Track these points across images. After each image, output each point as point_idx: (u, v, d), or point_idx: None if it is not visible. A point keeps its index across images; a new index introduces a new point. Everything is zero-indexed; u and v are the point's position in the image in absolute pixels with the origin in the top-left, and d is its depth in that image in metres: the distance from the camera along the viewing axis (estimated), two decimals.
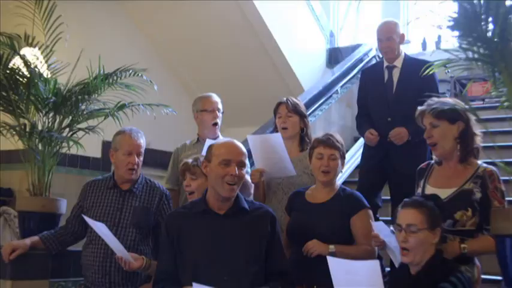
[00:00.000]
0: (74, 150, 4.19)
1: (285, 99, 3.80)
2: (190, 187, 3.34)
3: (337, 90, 6.54)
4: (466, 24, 2.39)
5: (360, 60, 7.11)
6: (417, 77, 4.07)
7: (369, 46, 7.47)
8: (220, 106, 4.14)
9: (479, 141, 2.91)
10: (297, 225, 3.18)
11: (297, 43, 7.34)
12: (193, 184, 3.34)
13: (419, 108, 3.01)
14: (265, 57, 7.17)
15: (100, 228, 3.23)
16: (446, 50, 2.67)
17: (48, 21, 4.09)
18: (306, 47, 7.60)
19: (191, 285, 2.57)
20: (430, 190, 2.95)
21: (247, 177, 3.70)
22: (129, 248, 3.35)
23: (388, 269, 3.62)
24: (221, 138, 3.04)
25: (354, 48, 7.61)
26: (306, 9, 7.57)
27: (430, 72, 2.81)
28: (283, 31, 7.09)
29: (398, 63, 4.42)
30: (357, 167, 5.46)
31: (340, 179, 4.78)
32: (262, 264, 2.80)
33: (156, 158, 6.53)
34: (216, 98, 4.18)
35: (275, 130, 3.86)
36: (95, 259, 3.41)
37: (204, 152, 3.71)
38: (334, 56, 7.93)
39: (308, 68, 7.49)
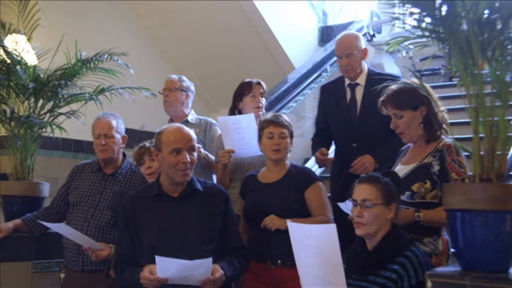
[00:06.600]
0: (57, 134, 4.23)
1: (256, 80, 3.84)
2: (152, 168, 3.39)
3: (326, 68, 6.48)
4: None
5: None
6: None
7: (362, 24, 7.43)
8: (177, 85, 4.08)
9: (443, 116, 2.93)
10: (253, 206, 3.22)
11: (287, 22, 7.28)
12: (154, 165, 3.38)
13: (381, 98, 2.98)
14: (255, 36, 7.14)
15: (61, 228, 3.29)
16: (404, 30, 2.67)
17: (25, 9, 4.14)
18: (296, 25, 7.52)
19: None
20: (398, 167, 3.01)
21: (211, 157, 3.75)
22: (103, 230, 3.46)
23: None
24: (168, 125, 2.95)
25: (346, 26, 7.55)
26: None
27: (390, 50, 2.78)
28: (272, 9, 7.04)
29: (361, 80, 3.88)
30: None
31: None
32: (218, 242, 2.84)
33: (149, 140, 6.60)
34: (171, 77, 4.14)
35: (238, 112, 3.84)
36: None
37: None
38: (327, 35, 7.86)
39: (299, 46, 7.43)
